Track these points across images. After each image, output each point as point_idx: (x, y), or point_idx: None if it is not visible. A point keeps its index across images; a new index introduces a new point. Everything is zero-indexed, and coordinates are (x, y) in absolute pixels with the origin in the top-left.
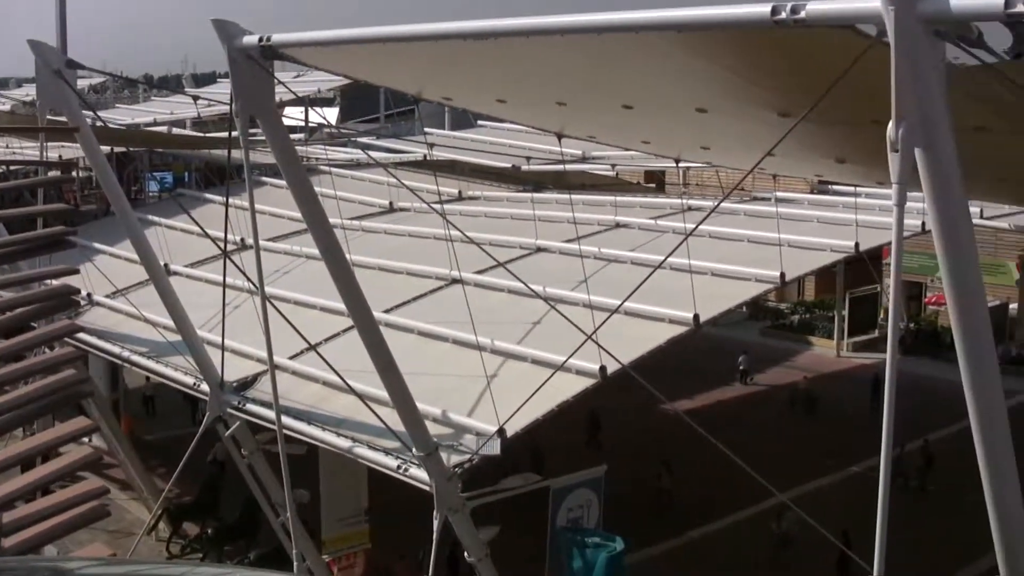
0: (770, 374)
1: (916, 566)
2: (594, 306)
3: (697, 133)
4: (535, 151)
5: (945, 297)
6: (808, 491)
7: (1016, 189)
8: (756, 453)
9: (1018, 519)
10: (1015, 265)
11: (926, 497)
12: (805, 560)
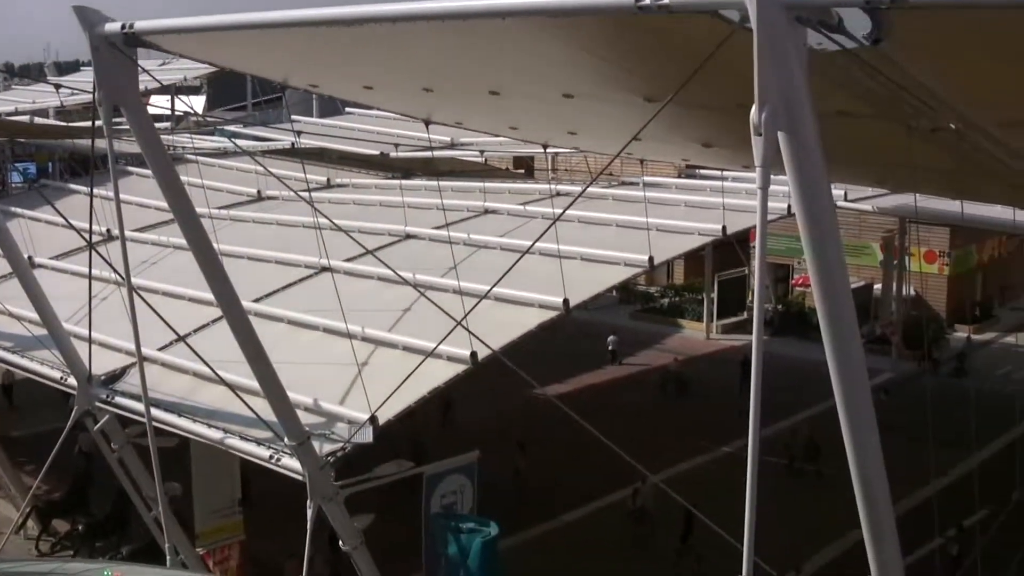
0: (641, 357)
1: (785, 542)
2: (464, 292)
3: (564, 119)
4: (403, 138)
5: (810, 279)
6: (680, 471)
7: (878, 172)
8: (628, 435)
9: (882, 496)
10: (879, 246)
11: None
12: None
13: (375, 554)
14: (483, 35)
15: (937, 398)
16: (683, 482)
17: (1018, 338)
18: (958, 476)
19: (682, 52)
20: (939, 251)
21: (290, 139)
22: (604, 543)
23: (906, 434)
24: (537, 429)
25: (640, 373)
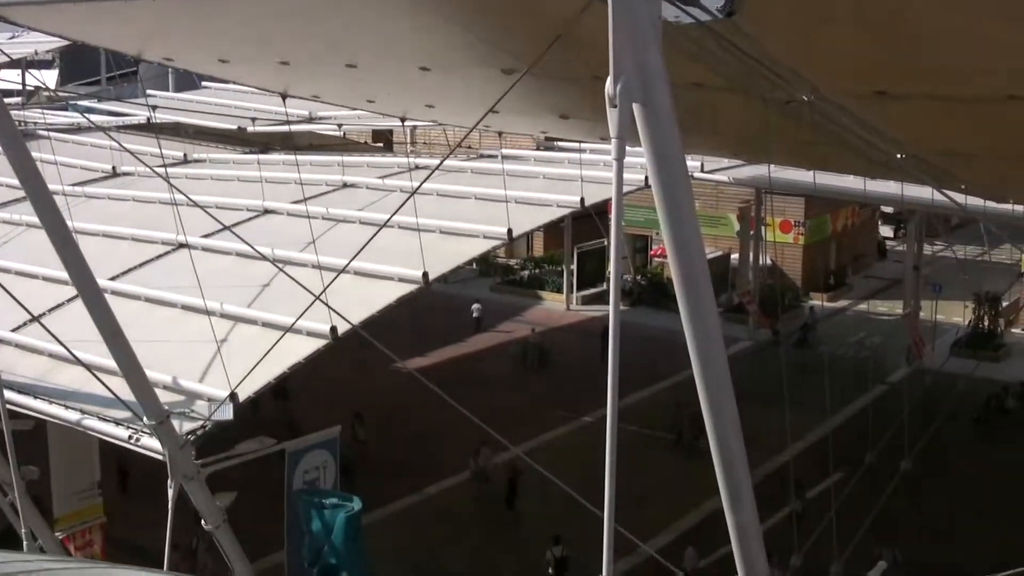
0: (502, 329)
1: (647, 511)
2: (323, 267)
3: (422, 91)
4: (261, 112)
5: (665, 249)
6: (543, 441)
7: (733, 143)
8: (490, 407)
9: (739, 461)
10: (736, 217)
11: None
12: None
13: (239, 532)
14: (338, 6)
15: (794, 365)
16: (545, 452)
17: (870, 305)
18: (815, 441)
19: (538, 24)
20: (794, 221)
21: (145, 114)
22: (475, 514)
23: (763, 401)
24: (398, 403)
25: (500, 345)
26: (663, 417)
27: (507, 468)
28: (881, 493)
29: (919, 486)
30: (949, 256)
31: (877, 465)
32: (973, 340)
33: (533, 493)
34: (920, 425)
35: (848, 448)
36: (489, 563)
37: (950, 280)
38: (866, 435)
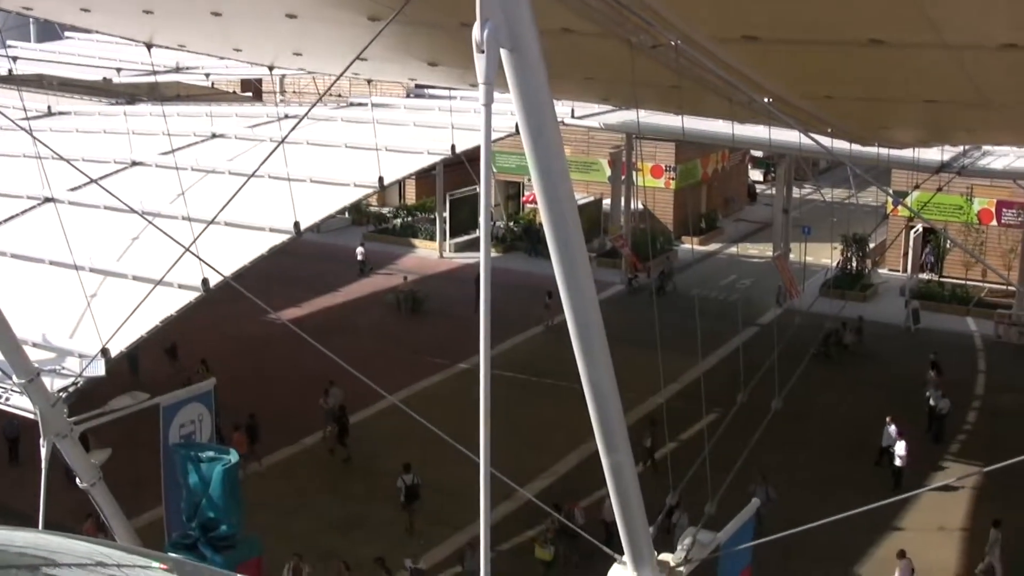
0: (376, 278)
1: (524, 456)
2: (193, 219)
3: (289, 39)
4: (126, 62)
5: (535, 195)
6: (419, 389)
7: (603, 89)
8: (366, 356)
9: (613, 404)
10: (607, 162)
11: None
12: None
13: (114, 488)
14: None
15: (667, 307)
16: (420, 399)
17: (740, 248)
18: (689, 382)
19: None
20: (665, 166)
21: (6, 65)
22: (336, 460)
23: (636, 344)
24: (274, 354)
25: (373, 294)
26: (540, 362)
27: (337, 406)
28: (753, 432)
29: (788, 424)
30: (817, 199)
31: (749, 404)
32: (841, 281)
33: (412, 442)
34: (789, 364)
35: (721, 389)
36: (360, 502)
37: (819, 222)
38: (738, 376)
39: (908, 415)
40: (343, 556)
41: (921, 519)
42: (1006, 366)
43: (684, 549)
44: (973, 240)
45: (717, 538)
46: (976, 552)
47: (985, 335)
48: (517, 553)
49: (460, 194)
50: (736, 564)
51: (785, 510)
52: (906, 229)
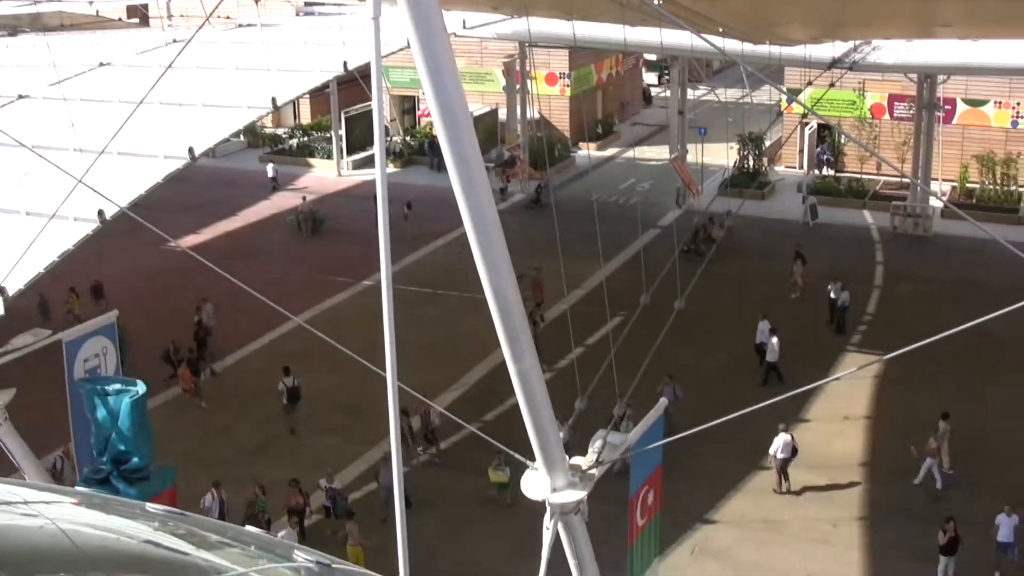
0: (275, 199)
1: (433, 370)
2: (84, 150)
3: None
4: None
5: (428, 108)
6: (324, 308)
7: None
8: (269, 279)
9: (516, 311)
10: (501, 71)
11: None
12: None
13: (20, 428)
14: None
15: (570, 212)
16: (326, 318)
17: (637, 151)
18: (593, 287)
19: None
20: (559, 73)
21: None
22: (244, 385)
23: (540, 252)
24: (177, 283)
25: (273, 216)
26: (444, 275)
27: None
28: (658, 332)
29: (692, 323)
30: (712, 100)
31: (653, 306)
32: (739, 180)
33: (320, 362)
34: (692, 264)
35: (625, 292)
36: (274, 425)
37: (714, 123)
38: (640, 277)
39: (811, 309)
40: (259, 480)
41: (827, 409)
42: (902, 256)
43: (595, 452)
44: (867, 134)
45: (628, 439)
46: (881, 439)
47: (882, 227)
48: (434, 466)
49: (355, 111)
50: (648, 463)
51: (693, 408)
52: (800, 126)
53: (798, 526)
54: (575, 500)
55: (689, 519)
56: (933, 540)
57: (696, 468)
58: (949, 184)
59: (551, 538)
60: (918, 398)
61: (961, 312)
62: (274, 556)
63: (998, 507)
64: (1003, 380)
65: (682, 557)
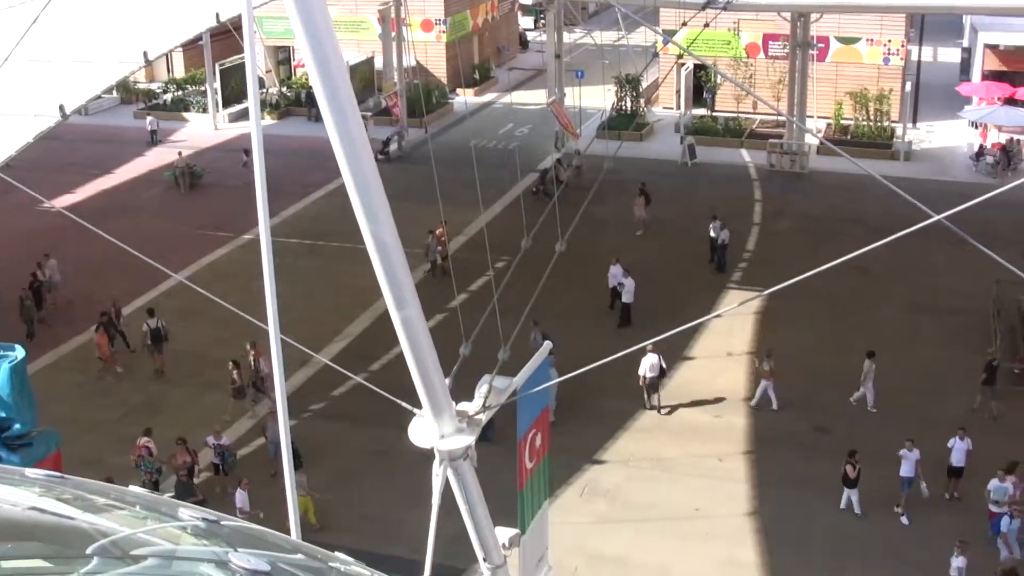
0: (152, 155)
1: (317, 321)
2: None
3: None
4: None
5: (302, 57)
6: (205, 264)
7: None
8: (148, 236)
9: (398, 260)
10: (376, 19)
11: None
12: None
13: None
14: None
15: (449, 160)
16: (209, 274)
17: (515, 96)
18: (474, 233)
19: None
20: (435, 19)
21: None
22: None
23: (420, 201)
24: (73, 242)
25: (150, 173)
26: (324, 225)
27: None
28: (540, 276)
29: (575, 265)
30: (589, 42)
31: (534, 250)
32: (617, 121)
33: (203, 319)
34: (572, 208)
35: (506, 237)
36: (157, 384)
37: (591, 66)
38: (521, 222)
39: (692, 248)
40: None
41: (710, 346)
42: (780, 193)
43: (482, 396)
44: (742, 73)
45: (513, 383)
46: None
47: (759, 165)
48: (322, 418)
49: (230, 63)
50: (534, 406)
51: (578, 349)
52: (677, 67)
53: (685, 462)
54: (463, 446)
55: (578, 460)
56: (817, 469)
57: (582, 409)
58: (824, 121)
59: (441, 484)
60: (798, 332)
61: (838, 247)
62: (160, 515)
63: (882, 439)
64: (879, 312)
65: (572, 498)
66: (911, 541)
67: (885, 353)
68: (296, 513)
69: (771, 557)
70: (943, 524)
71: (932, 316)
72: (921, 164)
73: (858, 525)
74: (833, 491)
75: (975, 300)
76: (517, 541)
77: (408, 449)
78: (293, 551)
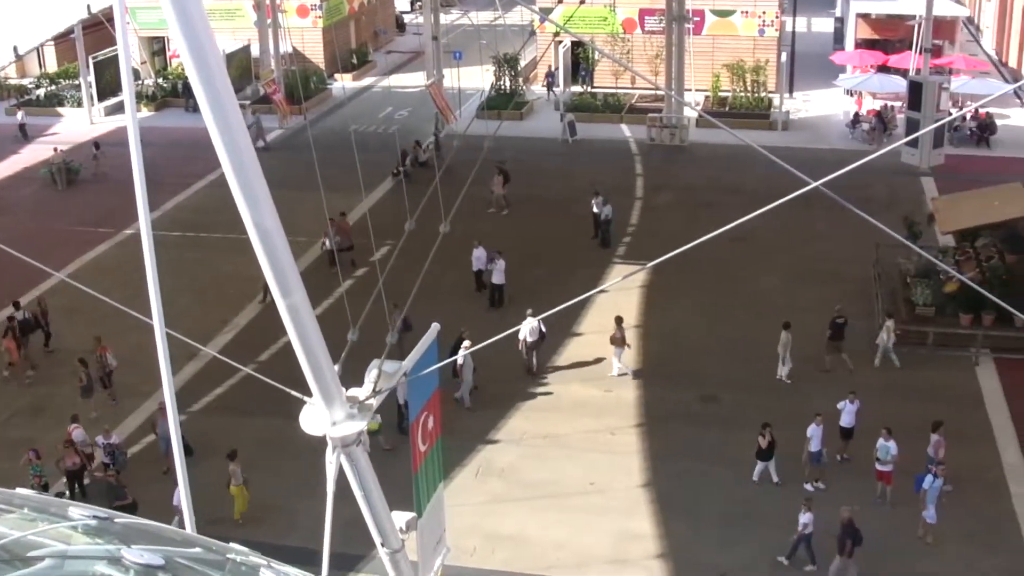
0: (26, 153)
1: (204, 313)
2: None
3: None
4: None
5: (177, 47)
6: (87, 261)
7: None
8: (26, 235)
9: (280, 246)
10: (252, 6)
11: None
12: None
13: None
14: None
15: (329, 146)
16: (92, 271)
17: (393, 79)
18: (357, 218)
19: None
20: (310, 4)
21: None
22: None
23: (300, 187)
24: None
25: (25, 170)
26: (206, 217)
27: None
28: (425, 258)
29: (457, 246)
30: (466, 23)
31: (418, 232)
32: (496, 101)
33: (88, 316)
34: (454, 188)
35: (390, 220)
36: (42, 385)
37: (469, 46)
38: (404, 205)
39: (575, 225)
40: (33, 443)
41: (597, 322)
42: (661, 167)
43: (371, 381)
44: (620, 49)
45: (402, 366)
46: (651, 346)
47: (639, 139)
48: (212, 411)
49: (103, 55)
50: (424, 389)
51: (468, 327)
52: (554, 45)
53: (578, 439)
54: (356, 432)
55: (471, 441)
56: (707, 439)
57: (473, 391)
58: (702, 94)
59: (335, 472)
60: (683, 303)
61: (719, 217)
62: (51, 516)
63: (769, 406)
64: (762, 281)
65: (467, 479)
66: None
67: (769, 321)
68: (190, 508)
69: (666, 528)
70: (837, 487)
71: (814, 283)
72: (798, 133)
73: (751, 493)
74: (724, 460)
75: (856, 265)
76: (414, 525)
77: (301, 438)
78: (189, 545)
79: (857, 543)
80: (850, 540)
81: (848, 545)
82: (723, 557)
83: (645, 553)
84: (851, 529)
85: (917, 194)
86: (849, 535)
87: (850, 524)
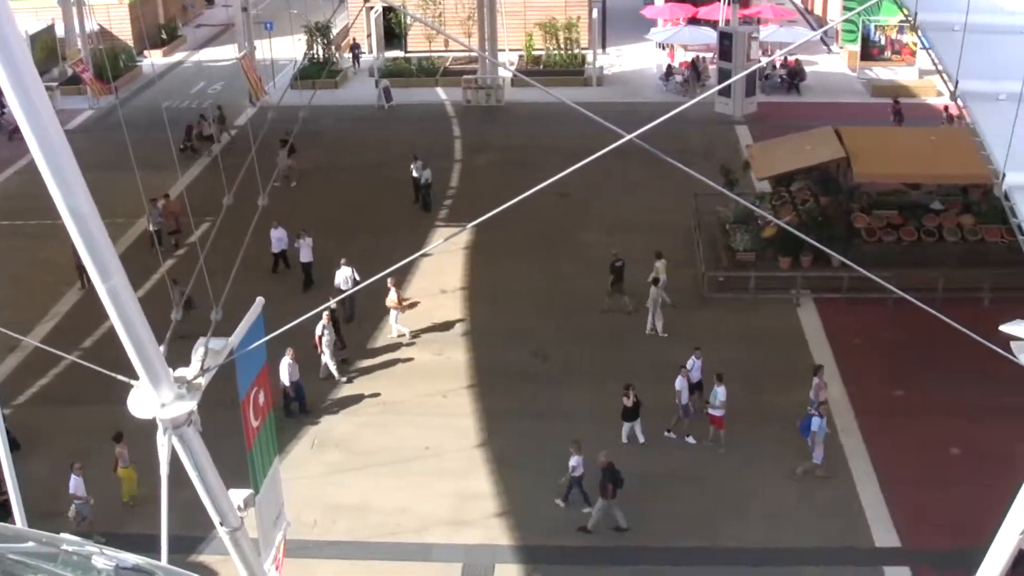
0: None
1: None
2: None
3: None
4: None
5: None
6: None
7: None
8: None
9: (96, 229)
10: None
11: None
12: None
13: None
14: None
15: (142, 124)
16: None
17: (204, 54)
18: (174, 197)
19: None
20: None
21: None
22: None
23: (113, 168)
24: None
25: None
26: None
27: None
28: (245, 231)
29: (278, 218)
30: None
31: (237, 207)
32: (310, 71)
33: None
34: (270, 159)
35: (211, 196)
36: None
37: (280, 16)
38: (221, 180)
39: (395, 191)
40: None
41: (423, 286)
42: (478, 128)
43: (199, 359)
44: (431, 12)
45: (229, 343)
46: (478, 307)
47: (455, 102)
48: (38, 403)
49: None
50: (253, 364)
51: (302, 302)
52: (366, 11)
53: (412, 403)
54: (186, 412)
55: (305, 414)
56: (540, 397)
57: (304, 362)
58: (516, 54)
59: (167, 453)
60: (508, 262)
61: (538, 175)
62: None
63: (606, 359)
64: (585, 235)
65: (304, 452)
66: (640, 455)
67: (595, 275)
68: (20, 503)
69: (505, 486)
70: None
71: (636, 233)
72: (613, 88)
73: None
74: (559, 415)
75: (677, 215)
76: (252, 501)
77: (132, 423)
78: (21, 540)
79: (618, 485)
80: (611, 483)
81: (610, 488)
82: (564, 511)
83: (485, 512)
84: (611, 472)
85: (732, 142)
86: (609, 479)
87: (610, 467)
